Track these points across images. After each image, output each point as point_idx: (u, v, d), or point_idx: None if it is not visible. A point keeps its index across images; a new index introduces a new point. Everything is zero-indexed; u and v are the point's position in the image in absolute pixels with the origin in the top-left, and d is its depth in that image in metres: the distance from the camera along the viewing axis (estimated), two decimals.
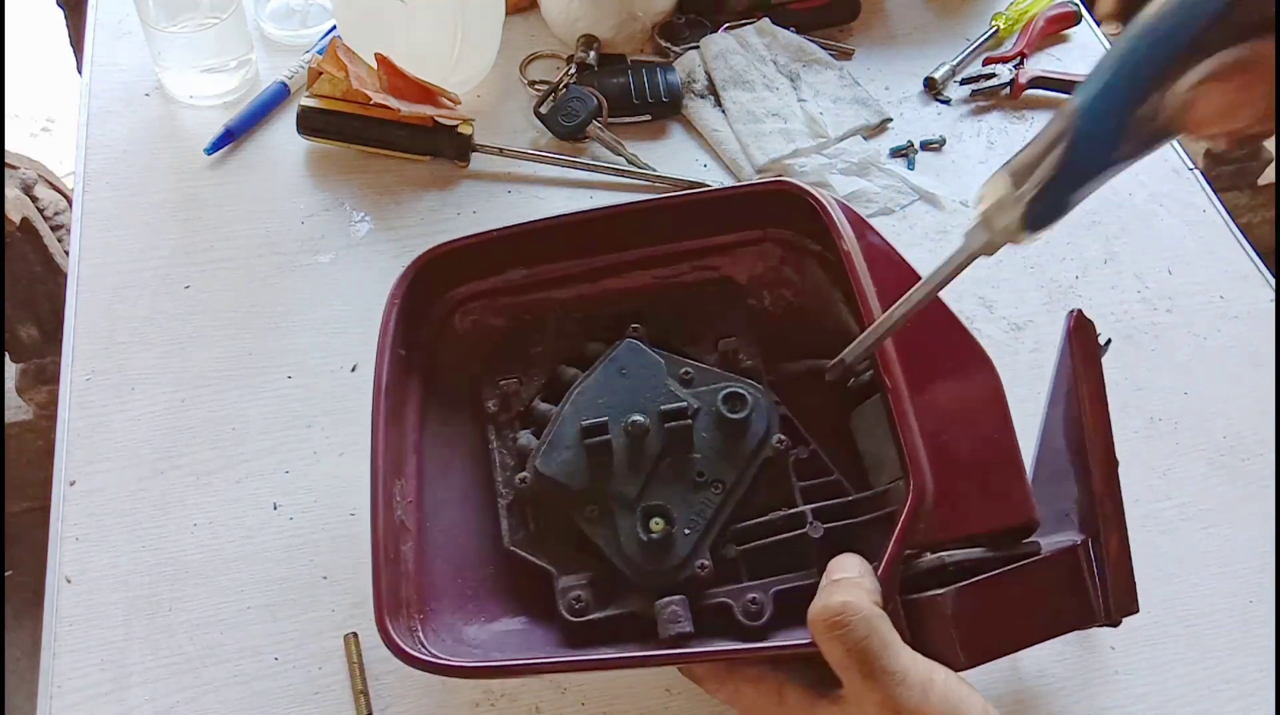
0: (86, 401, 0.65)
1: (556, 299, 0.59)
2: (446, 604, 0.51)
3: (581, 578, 0.50)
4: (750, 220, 0.58)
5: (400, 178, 0.78)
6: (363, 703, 0.55)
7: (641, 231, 0.58)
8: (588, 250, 0.58)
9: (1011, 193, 0.36)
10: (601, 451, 0.50)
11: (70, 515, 0.60)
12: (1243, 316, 0.75)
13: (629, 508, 0.50)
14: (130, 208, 0.74)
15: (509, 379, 0.56)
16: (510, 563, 0.52)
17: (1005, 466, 0.49)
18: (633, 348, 0.54)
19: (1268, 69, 0.30)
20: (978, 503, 0.48)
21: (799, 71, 0.86)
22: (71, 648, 0.56)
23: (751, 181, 0.62)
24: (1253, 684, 0.59)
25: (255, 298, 0.70)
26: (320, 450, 0.64)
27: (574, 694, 0.56)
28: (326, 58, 0.75)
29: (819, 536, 0.50)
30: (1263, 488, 0.66)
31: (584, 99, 0.80)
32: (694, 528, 0.49)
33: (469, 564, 0.52)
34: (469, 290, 0.58)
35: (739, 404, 0.51)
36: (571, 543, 0.51)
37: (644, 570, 0.49)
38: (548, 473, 0.51)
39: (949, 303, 0.73)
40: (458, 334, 0.58)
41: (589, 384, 0.53)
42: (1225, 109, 0.31)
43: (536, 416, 0.55)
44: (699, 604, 0.49)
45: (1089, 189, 0.36)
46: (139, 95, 0.82)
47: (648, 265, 0.59)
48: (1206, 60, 0.31)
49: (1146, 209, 0.81)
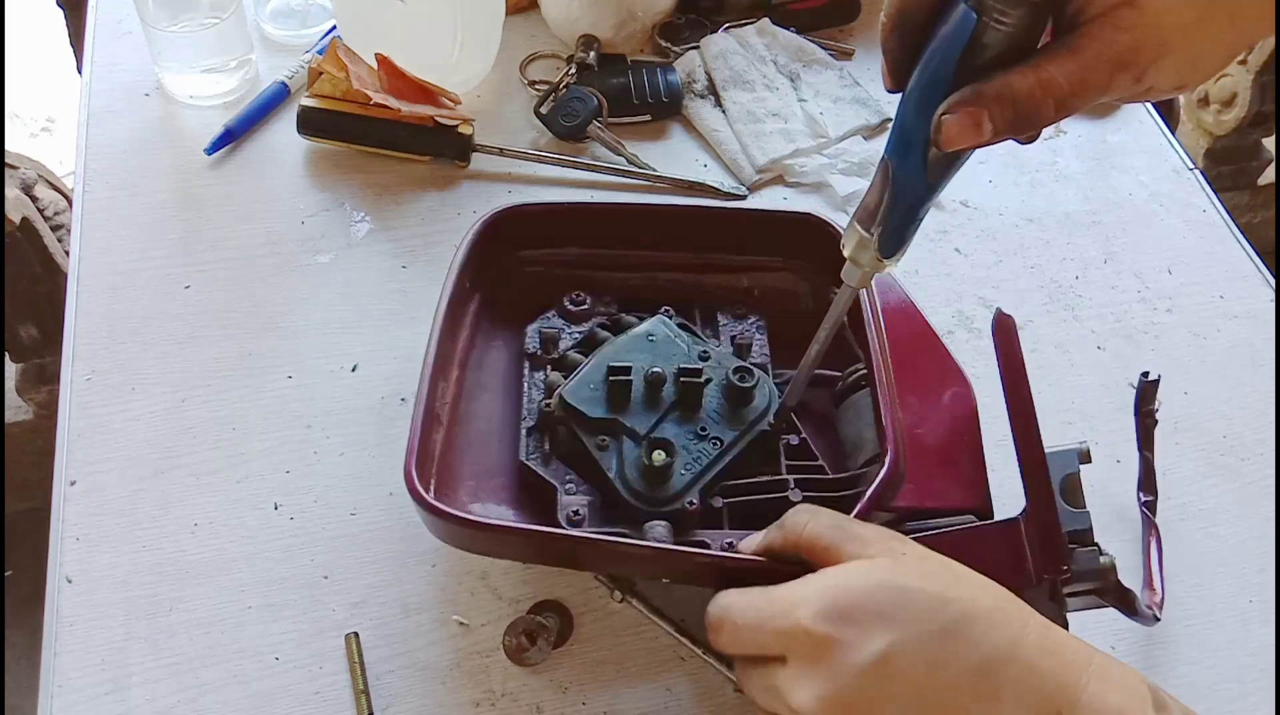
0: (86, 401, 0.65)
1: (603, 279, 0.66)
2: (461, 494, 0.56)
3: (582, 499, 0.56)
4: (776, 245, 0.66)
5: (400, 178, 0.78)
6: (363, 703, 0.55)
7: (679, 234, 0.66)
8: (634, 242, 0.66)
9: (865, 236, 0.46)
10: (621, 390, 0.57)
11: (70, 515, 0.60)
12: (1243, 316, 0.75)
13: (636, 441, 0.56)
14: (130, 208, 0.74)
15: (552, 327, 0.63)
16: (522, 477, 0.58)
17: (968, 459, 0.56)
18: (663, 322, 0.61)
19: (990, 100, 0.40)
20: (941, 485, 0.55)
21: (799, 71, 0.86)
22: (71, 648, 0.56)
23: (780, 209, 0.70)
24: (1253, 684, 0.59)
25: (255, 298, 0.70)
26: (320, 450, 0.64)
27: (575, 693, 0.56)
28: (326, 58, 0.75)
29: (797, 501, 0.55)
30: (1263, 488, 0.66)
31: (584, 99, 0.80)
32: (690, 470, 0.55)
33: (486, 469, 0.59)
34: (531, 255, 0.66)
35: (748, 376, 0.57)
36: (579, 468, 0.57)
37: (641, 495, 0.54)
38: (571, 401, 0.57)
39: (947, 304, 0.73)
40: (515, 285, 0.65)
41: (620, 341, 0.60)
42: (963, 131, 0.41)
43: (568, 362, 0.60)
44: (681, 538, 0.54)
45: (923, 213, 0.45)
46: (139, 95, 0.82)
47: (683, 268, 0.67)
48: (948, 98, 0.41)
49: (1146, 209, 0.81)
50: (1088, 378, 0.70)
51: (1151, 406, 0.63)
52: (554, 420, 0.57)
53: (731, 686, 0.56)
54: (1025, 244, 0.78)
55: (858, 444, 0.58)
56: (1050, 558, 0.50)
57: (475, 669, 0.56)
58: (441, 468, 0.56)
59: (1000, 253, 0.77)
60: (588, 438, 0.56)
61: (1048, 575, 0.50)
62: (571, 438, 0.57)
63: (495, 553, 0.57)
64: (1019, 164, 0.83)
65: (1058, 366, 0.71)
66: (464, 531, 0.52)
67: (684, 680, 0.57)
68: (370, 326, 0.70)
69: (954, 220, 0.79)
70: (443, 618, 0.58)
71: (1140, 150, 0.85)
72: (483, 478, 0.58)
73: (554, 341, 0.62)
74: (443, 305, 0.59)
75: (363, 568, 0.59)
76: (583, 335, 0.62)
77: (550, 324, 0.63)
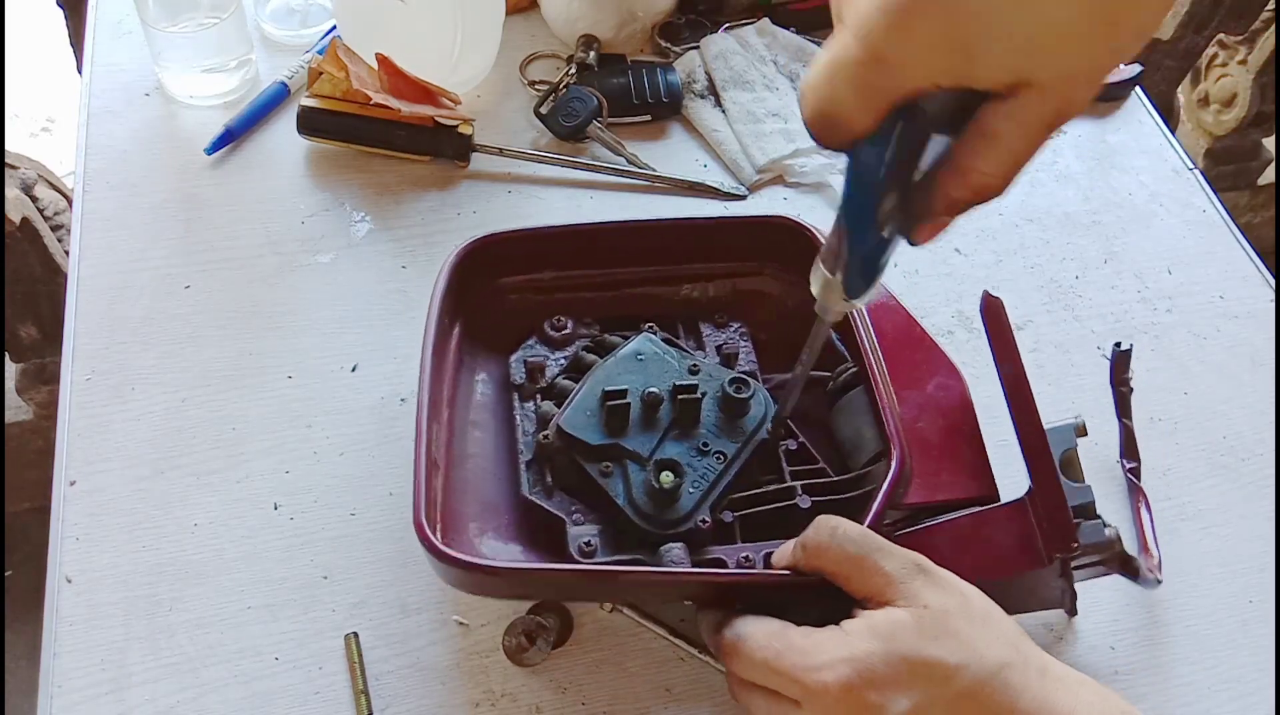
0: (86, 401, 0.65)
1: (582, 300, 0.65)
2: (466, 538, 0.55)
3: (591, 528, 0.55)
4: (751, 249, 0.65)
5: (400, 178, 0.78)
6: (363, 703, 0.55)
7: (653, 247, 0.65)
8: (608, 261, 0.65)
9: (829, 277, 0.46)
10: (619, 414, 0.56)
11: (70, 515, 0.60)
12: (1242, 316, 0.75)
13: (640, 464, 0.55)
14: (130, 208, 0.74)
15: (536, 356, 0.62)
16: (527, 512, 0.57)
17: (969, 449, 0.56)
18: (649, 339, 0.60)
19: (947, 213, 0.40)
20: (947, 476, 0.55)
21: (799, 72, 0.86)
22: (71, 648, 0.56)
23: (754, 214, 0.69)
24: (1253, 684, 0.59)
25: (255, 298, 0.70)
26: (320, 450, 0.64)
27: (574, 693, 0.56)
28: (327, 58, 0.75)
29: (806, 507, 0.55)
30: (1262, 488, 0.66)
31: (584, 99, 0.80)
32: (697, 488, 0.55)
33: (488, 508, 0.57)
34: (507, 282, 0.64)
35: (743, 386, 0.57)
36: (584, 497, 0.56)
37: (652, 518, 0.54)
38: (569, 430, 0.56)
39: (946, 304, 0.73)
40: (493, 316, 0.64)
41: (610, 364, 0.59)
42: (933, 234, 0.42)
43: (558, 390, 0.60)
44: (697, 557, 0.53)
45: (884, 260, 0.44)
46: (139, 95, 0.82)
47: (661, 281, 0.66)
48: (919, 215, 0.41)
49: (1146, 209, 0.81)
50: (1088, 378, 0.70)
51: (1126, 375, 0.65)
52: (553, 451, 0.56)
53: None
54: (1025, 244, 0.78)
55: (857, 443, 0.58)
56: (1060, 536, 0.51)
57: (475, 669, 0.56)
58: (445, 513, 0.54)
59: (1000, 253, 0.77)
60: (590, 465, 0.55)
61: (1059, 554, 0.51)
62: (573, 467, 0.56)
63: (521, 595, 0.56)
64: None
65: (1058, 366, 0.71)
66: (488, 579, 0.51)
67: (684, 680, 0.57)
68: (370, 326, 0.70)
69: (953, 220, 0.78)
70: (442, 618, 0.58)
71: (1140, 150, 0.85)
72: (486, 517, 0.57)
73: (540, 370, 0.61)
74: (428, 346, 0.57)
75: (362, 568, 0.59)
76: (568, 360, 0.61)
77: (534, 352, 0.62)
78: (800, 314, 0.53)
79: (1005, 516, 0.53)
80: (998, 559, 0.52)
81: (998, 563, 0.52)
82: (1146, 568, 0.56)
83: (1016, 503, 0.53)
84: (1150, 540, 0.61)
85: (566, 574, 0.53)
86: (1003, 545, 0.52)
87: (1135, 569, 0.54)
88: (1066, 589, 0.55)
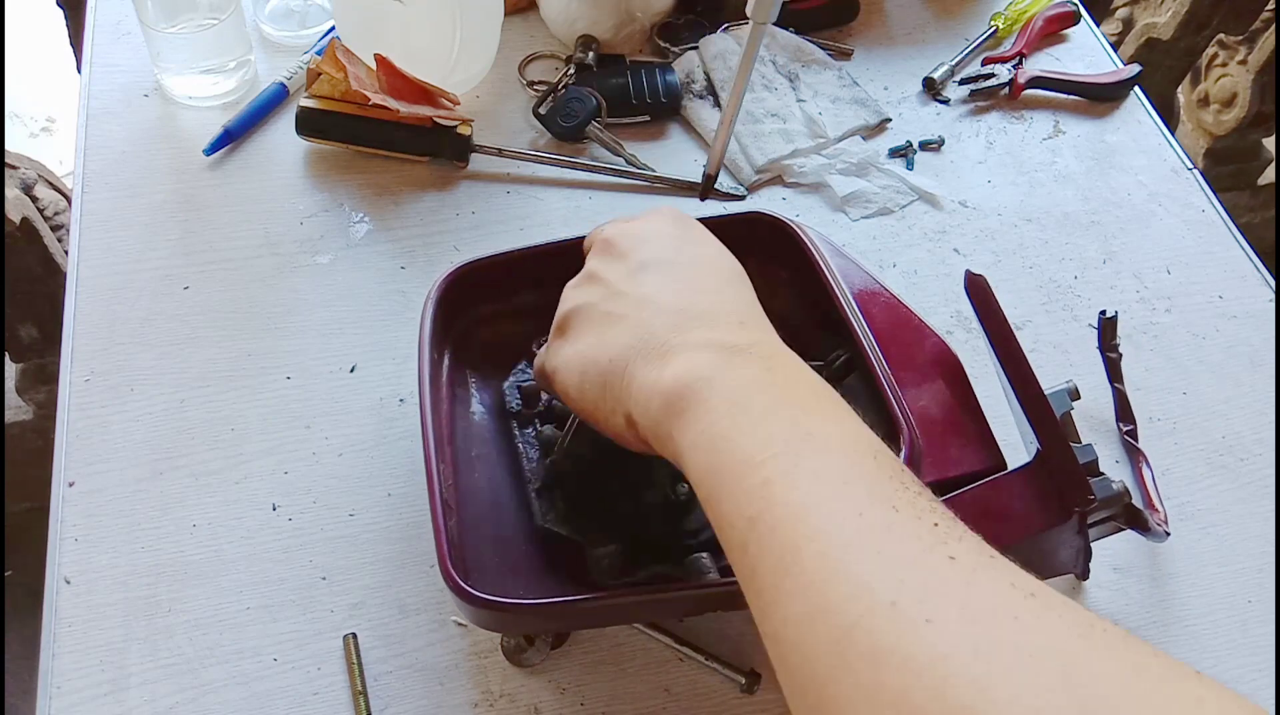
0: (86, 402, 0.65)
1: None
2: (489, 578, 0.54)
3: (611, 547, 0.54)
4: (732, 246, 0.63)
5: (399, 178, 0.78)
6: (362, 703, 0.55)
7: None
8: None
9: None
10: None
11: (69, 516, 0.60)
12: (1242, 316, 0.75)
13: (652, 479, 0.54)
14: (129, 208, 0.74)
15: (528, 380, 0.61)
16: (544, 541, 0.56)
17: (972, 422, 0.57)
18: None
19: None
20: (956, 451, 0.56)
21: (798, 72, 0.86)
22: (71, 648, 0.56)
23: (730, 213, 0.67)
24: (1253, 684, 0.59)
25: (254, 298, 0.70)
26: (319, 451, 0.64)
27: (573, 694, 0.56)
28: (325, 58, 0.75)
29: None
30: (1262, 488, 0.66)
31: (583, 99, 0.80)
32: None
33: (506, 543, 0.56)
34: (488, 310, 0.63)
35: None
36: (599, 518, 0.55)
37: (672, 531, 0.54)
38: (578, 452, 0.55)
39: (946, 304, 0.73)
40: (480, 343, 0.63)
41: None
42: None
43: (556, 413, 0.59)
44: (721, 562, 0.53)
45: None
46: (138, 96, 0.82)
47: None
48: None
49: (1145, 209, 0.81)
50: (1087, 378, 0.70)
51: (1114, 341, 0.68)
52: (563, 475, 0.56)
53: (734, 687, 0.56)
54: (1024, 244, 0.78)
55: None
56: (1076, 490, 0.52)
57: (473, 670, 0.56)
58: (464, 559, 0.54)
59: (999, 253, 0.77)
60: (603, 486, 0.55)
61: (1078, 507, 0.52)
62: (584, 489, 0.56)
63: (558, 627, 0.56)
64: (1017, 164, 0.83)
65: (1057, 366, 0.71)
66: (525, 617, 0.50)
67: (683, 680, 0.57)
68: (369, 327, 0.70)
69: (953, 220, 0.79)
70: (441, 619, 0.58)
71: (1139, 150, 0.85)
72: (505, 551, 0.56)
73: (535, 395, 0.60)
74: (424, 386, 0.56)
75: (361, 569, 0.59)
76: None
77: (525, 376, 0.61)
78: (789, 309, 0.53)
79: (1018, 481, 0.54)
80: (1021, 522, 0.53)
81: (1021, 525, 0.53)
82: (1154, 522, 0.56)
83: (1027, 467, 0.54)
84: (1154, 496, 0.62)
85: (605, 605, 0.51)
86: (1022, 508, 0.53)
87: (1144, 522, 0.55)
88: (1083, 547, 0.56)
